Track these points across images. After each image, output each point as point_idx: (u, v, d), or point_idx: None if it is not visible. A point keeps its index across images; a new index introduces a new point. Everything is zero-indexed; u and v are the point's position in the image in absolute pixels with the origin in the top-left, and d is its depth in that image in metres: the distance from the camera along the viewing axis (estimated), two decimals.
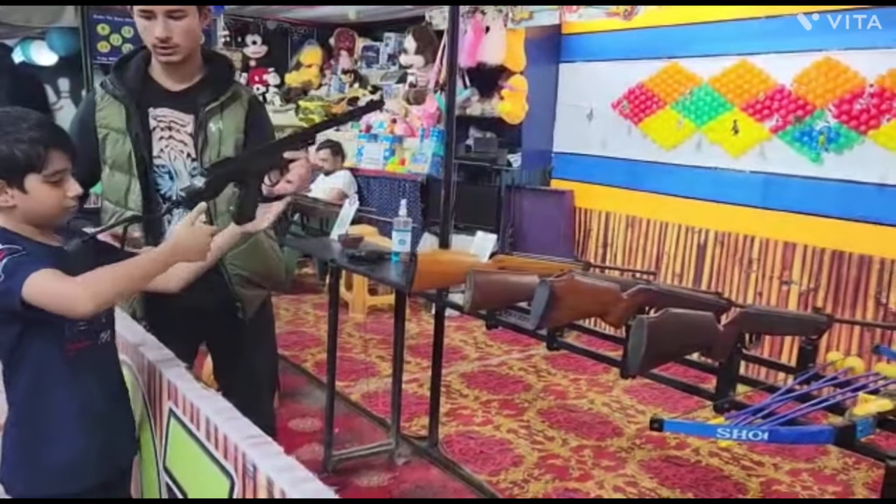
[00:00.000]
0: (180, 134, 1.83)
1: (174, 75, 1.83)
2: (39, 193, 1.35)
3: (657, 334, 1.28)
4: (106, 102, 1.82)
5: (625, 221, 4.53)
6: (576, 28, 4.66)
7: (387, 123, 6.18)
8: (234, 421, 1.18)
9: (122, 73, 1.83)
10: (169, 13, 1.68)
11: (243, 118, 1.87)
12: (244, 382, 2.06)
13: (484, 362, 4.19)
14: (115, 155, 1.81)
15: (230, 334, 2.01)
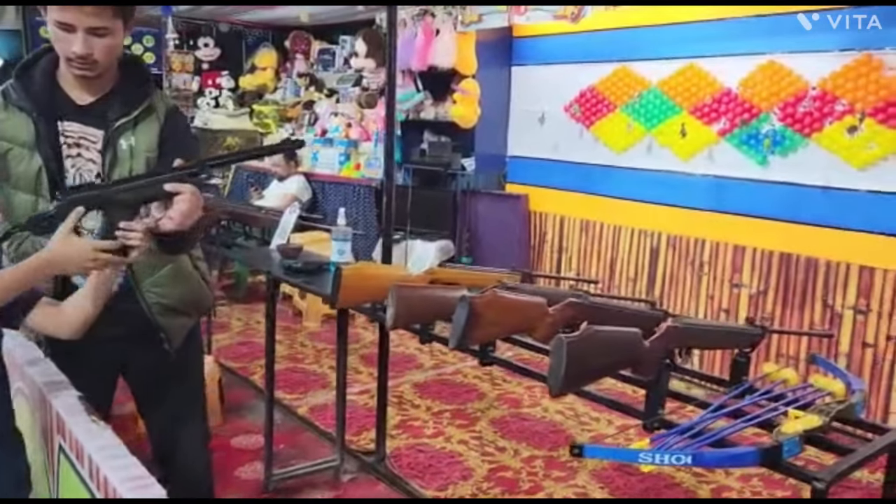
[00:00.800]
0: (89, 151, 1.65)
1: (86, 87, 1.64)
2: None
3: (577, 353, 1.22)
4: (9, 114, 1.60)
5: (579, 225, 4.50)
6: (527, 31, 4.63)
7: (342, 127, 6.09)
8: (118, 460, 1.09)
9: (27, 81, 1.62)
10: (92, 30, 1.50)
11: (157, 134, 1.70)
12: (173, 420, 1.90)
13: (438, 371, 4.12)
14: (19, 173, 1.60)
15: (153, 366, 1.82)
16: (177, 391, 1.88)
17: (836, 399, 1.40)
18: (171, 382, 1.86)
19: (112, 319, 1.62)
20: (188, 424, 1.93)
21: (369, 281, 1.72)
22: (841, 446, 1.31)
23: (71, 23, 1.48)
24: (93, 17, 1.48)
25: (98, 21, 1.49)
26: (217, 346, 4.26)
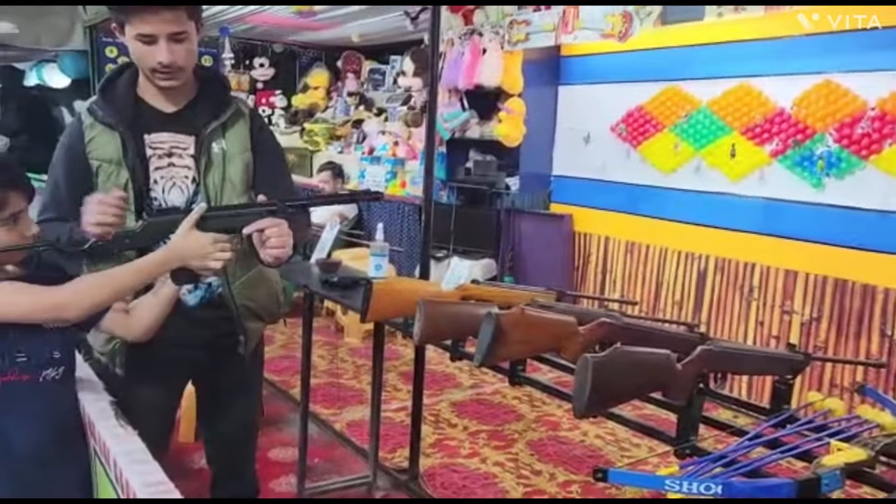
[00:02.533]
0: (182, 159, 1.70)
1: (170, 96, 1.70)
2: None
3: (603, 374, 1.17)
4: (96, 131, 1.66)
5: (624, 247, 4.42)
6: (575, 50, 4.60)
7: (389, 146, 6.14)
8: (141, 465, 1.10)
9: (110, 97, 1.68)
10: (172, 36, 1.56)
11: (248, 136, 1.77)
12: (233, 428, 1.97)
13: (477, 390, 4.08)
14: (108, 189, 1.63)
15: (224, 371, 1.87)
16: (240, 396, 1.95)
17: (885, 432, 1.32)
18: (237, 387, 1.93)
19: (201, 324, 1.71)
20: (247, 430, 2.01)
21: (400, 295, 1.70)
22: (888, 482, 1.23)
23: (152, 32, 1.55)
24: (171, 23, 1.55)
25: (177, 26, 1.56)
26: None
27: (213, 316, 1.77)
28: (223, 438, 1.98)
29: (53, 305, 1.29)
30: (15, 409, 1.34)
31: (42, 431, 1.37)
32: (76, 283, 1.32)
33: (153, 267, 1.40)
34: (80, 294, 1.30)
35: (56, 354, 1.39)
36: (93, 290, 1.32)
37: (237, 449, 2.01)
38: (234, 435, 1.98)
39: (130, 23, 1.56)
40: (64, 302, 1.29)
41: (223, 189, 1.72)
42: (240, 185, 1.74)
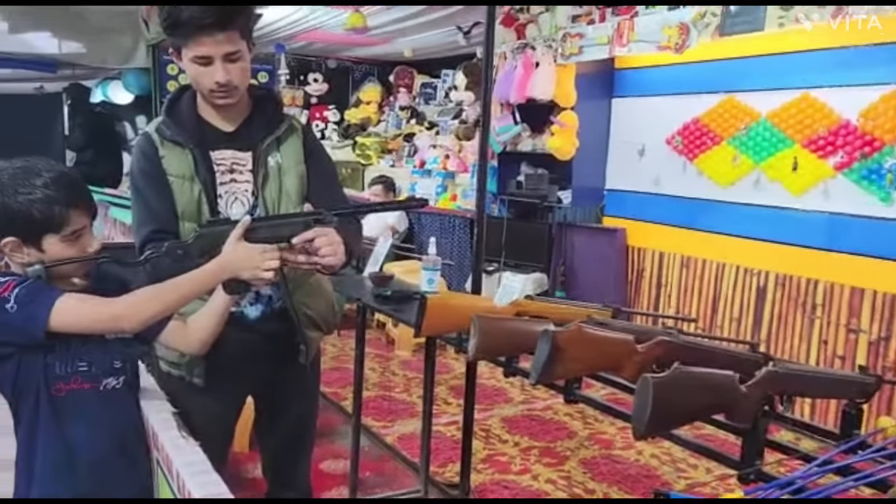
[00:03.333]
0: (242, 174, 1.76)
1: (227, 115, 1.76)
2: (56, 252, 1.33)
3: (664, 395, 1.14)
4: (167, 149, 1.71)
5: (679, 261, 4.33)
6: (629, 62, 4.54)
7: (440, 159, 6.17)
8: (202, 476, 1.11)
9: (176, 117, 1.74)
10: (226, 56, 1.61)
11: (301, 150, 1.82)
12: (291, 438, 2.01)
13: (528, 406, 4.03)
14: (184, 203, 1.70)
15: (286, 382, 1.92)
16: (299, 406, 1.98)
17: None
18: (297, 397, 1.96)
19: (263, 336, 1.75)
20: (304, 439, 2.04)
21: (454, 310, 1.70)
22: None
23: (208, 54, 1.59)
24: (226, 44, 1.59)
25: (231, 46, 1.60)
26: None
27: (275, 327, 1.80)
28: (280, 448, 2.01)
29: (111, 317, 1.32)
30: (77, 416, 1.37)
31: (103, 439, 1.40)
32: (131, 296, 1.35)
33: (205, 279, 1.42)
34: (134, 306, 1.33)
35: (117, 364, 1.43)
36: (147, 302, 1.35)
37: (293, 458, 2.04)
38: (292, 444, 2.02)
39: (187, 46, 1.60)
40: (120, 314, 1.32)
41: (280, 200, 1.76)
42: (296, 196, 1.79)
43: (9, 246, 1.32)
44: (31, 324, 1.26)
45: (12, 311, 1.25)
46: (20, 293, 1.26)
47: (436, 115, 6.96)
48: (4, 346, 1.31)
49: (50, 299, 1.27)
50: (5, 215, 1.30)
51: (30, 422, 1.37)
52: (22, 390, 1.35)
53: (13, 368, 1.33)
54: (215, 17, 1.56)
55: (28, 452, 1.39)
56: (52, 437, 1.36)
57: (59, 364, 1.34)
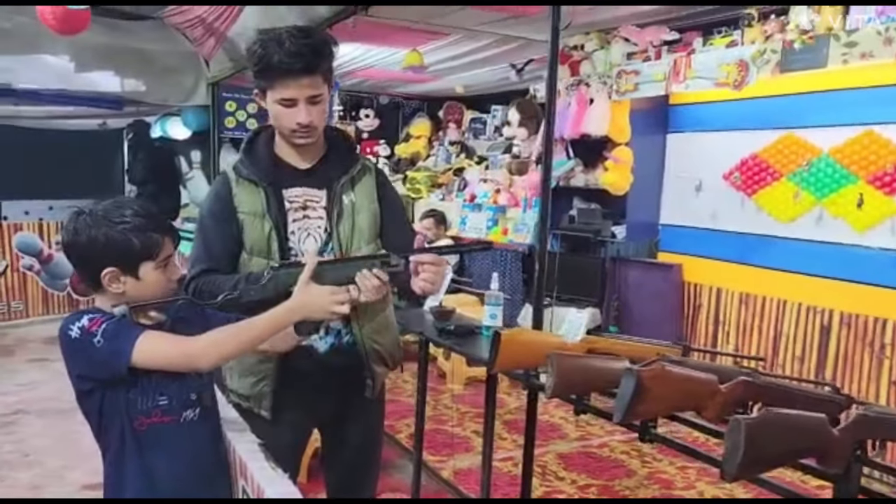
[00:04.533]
0: (315, 211, 1.83)
1: (304, 153, 1.83)
2: (150, 279, 1.40)
3: (757, 437, 1.13)
4: (241, 187, 1.80)
5: (738, 298, 4.26)
6: (684, 98, 4.54)
7: (490, 193, 6.21)
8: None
9: (252, 157, 1.83)
10: (310, 99, 1.70)
11: (375, 189, 1.89)
12: (356, 468, 2.04)
13: (584, 443, 3.99)
14: (253, 240, 1.78)
15: (352, 415, 1.97)
16: (365, 438, 2.02)
17: None
18: (363, 429, 2.00)
19: (332, 369, 1.81)
20: (368, 470, 2.09)
21: (527, 347, 1.71)
22: None
23: (293, 97, 1.69)
24: (310, 87, 1.69)
25: (314, 90, 1.70)
26: None
27: (343, 361, 1.85)
28: (345, 478, 2.05)
29: (188, 356, 1.37)
30: (159, 448, 1.42)
31: (184, 469, 1.45)
32: (208, 337, 1.40)
33: (278, 320, 1.46)
34: (211, 347, 1.38)
35: (193, 396, 1.47)
36: (224, 344, 1.40)
37: (358, 489, 2.07)
38: (356, 475, 2.05)
39: (273, 88, 1.70)
40: (198, 354, 1.37)
41: (353, 237, 1.83)
42: (368, 233, 1.85)
43: (108, 276, 1.38)
44: (115, 359, 1.31)
45: (98, 346, 1.32)
46: (107, 329, 1.32)
47: (485, 150, 7.03)
48: (90, 380, 1.38)
49: (133, 336, 1.33)
50: (107, 245, 1.37)
51: (116, 452, 1.42)
52: (107, 424, 1.41)
53: (97, 402, 1.39)
54: (303, 63, 1.66)
55: (115, 483, 1.44)
56: (136, 469, 1.41)
57: (140, 399, 1.39)
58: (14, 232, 6.63)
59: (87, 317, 1.34)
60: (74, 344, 1.33)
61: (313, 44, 1.68)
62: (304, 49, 1.66)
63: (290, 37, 1.66)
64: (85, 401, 1.40)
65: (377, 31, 4.55)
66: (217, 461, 1.53)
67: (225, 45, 5.61)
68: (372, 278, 1.57)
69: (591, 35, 4.55)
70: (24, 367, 5.21)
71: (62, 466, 3.52)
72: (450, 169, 7.27)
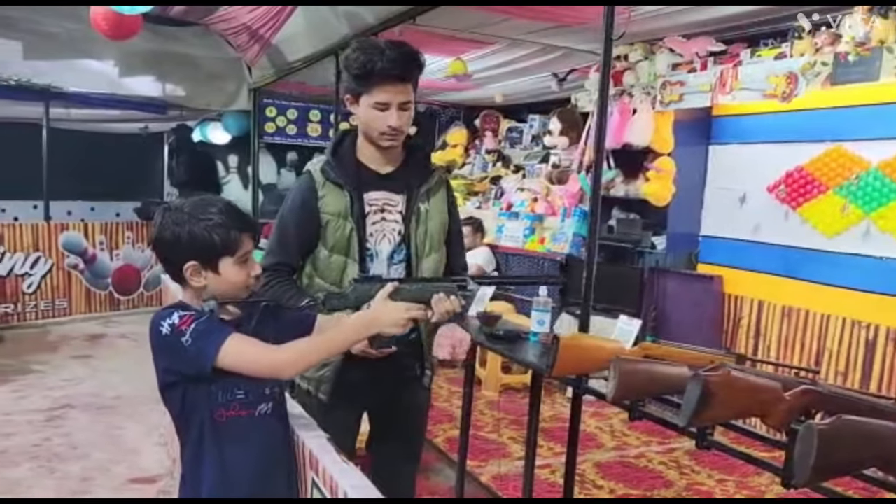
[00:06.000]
0: (392, 214, 1.95)
1: (385, 158, 1.95)
2: (230, 274, 1.46)
3: (829, 444, 1.15)
4: (327, 189, 1.91)
5: (780, 311, 4.22)
6: (728, 109, 4.52)
7: (528, 202, 6.23)
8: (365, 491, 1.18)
9: (339, 160, 1.94)
10: (401, 105, 1.83)
11: (446, 201, 2.02)
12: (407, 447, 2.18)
13: (621, 452, 3.98)
14: (335, 239, 1.89)
15: (407, 401, 2.09)
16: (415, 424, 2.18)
17: None
18: (415, 416, 2.16)
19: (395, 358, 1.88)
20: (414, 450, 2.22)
21: (585, 352, 1.73)
22: None
23: (388, 101, 1.81)
24: (403, 93, 1.83)
25: (406, 97, 1.84)
26: None
27: (406, 352, 1.95)
28: (392, 456, 2.16)
29: (272, 366, 1.43)
30: (236, 440, 1.48)
31: (258, 459, 1.50)
32: (292, 348, 1.45)
33: (356, 333, 1.54)
34: (295, 358, 1.45)
35: (267, 391, 1.53)
36: (307, 355, 1.47)
37: (402, 466, 2.20)
38: (403, 454, 2.18)
39: (369, 93, 1.82)
40: (282, 365, 1.44)
41: (425, 242, 1.95)
42: (437, 239, 1.97)
43: (190, 270, 1.44)
44: (202, 359, 1.37)
45: (187, 345, 1.37)
46: (196, 328, 1.38)
47: (522, 159, 7.06)
48: (174, 374, 1.43)
49: (220, 339, 1.38)
50: (190, 240, 1.43)
51: (195, 444, 1.48)
52: (189, 415, 1.47)
53: (180, 395, 1.45)
54: (400, 71, 1.80)
55: (193, 473, 1.49)
56: (214, 459, 1.47)
57: (220, 393, 1.45)
58: (60, 231, 6.80)
59: (177, 314, 1.39)
60: (164, 340, 1.39)
61: (410, 53, 1.83)
62: (403, 58, 1.80)
63: (388, 47, 1.81)
64: (168, 393, 1.46)
65: (422, 39, 4.60)
66: (287, 452, 1.59)
67: (269, 51, 5.72)
68: (447, 303, 1.66)
69: (636, 45, 4.56)
70: (69, 363, 5.35)
71: (108, 460, 3.61)
72: (486, 177, 7.30)
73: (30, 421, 4.10)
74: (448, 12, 3.96)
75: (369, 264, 1.93)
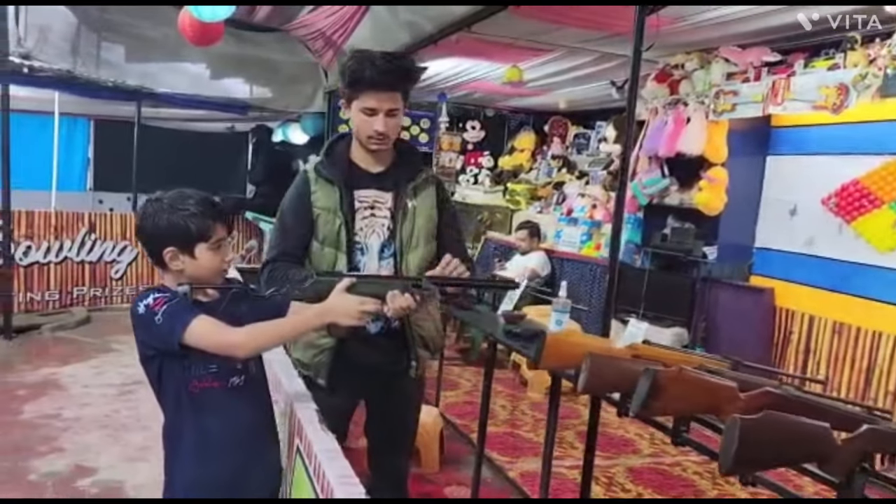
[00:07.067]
0: (381, 211, 2.09)
1: (375, 159, 2.10)
2: (204, 259, 1.63)
3: (751, 436, 1.22)
4: (319, 185, 2.06)
5: (831, 327, 4.13)
6: (787, 120, 4.45)
7: (587, 208, 6.27)
8: (336, 461, 1.33)
9: (332, 159, 2.10)
10: (388, 112, 1.97)
11: (435, 198, 2.15)
12: (395, 437, 2.30)
13: (656, 459, 3.99)
14: (326, 232, 2.05)
15: (395, 391, 2.21)
16: (404, 413, 2.29)
17: None
18: (403, 405, 2.27)
19: (381, 349, 2.06)
20: (404, 440, 2.34)
21: (571, 348, 1.82)
22: None
23: (375, 107, 1.96)
24: (389, 101, 1.97)
25: (393, 104, 1.97)
26: (445, 401, 4.57)
27: (390, 343, 2.11)
28: (384, 444, 2.31)
29: (229, 344, 1.58)
30: (210, 409, 1.65)
31: (231, 428, 1.67)
32: (249, 330, 1.60)
33: (312, 320, 1.68)
34: (250, 340, 1.59)
35: (239, 366, 1.70)
36: (262, 337, 1.61)
37: (394, 455, 2.33)
38: (394, 443, 2.32)
39: (359, 99, 1.98)
40: (237, 343, 1.58)
41: (412, 237, 2.08)
42: (424, 235, 2.10)
43: (169, 255, 1.63)
44: (169, 336, 1.55)
45: (158, 323, 1.55)
46: (167, 310, 1.55)
47: (587, 165, 7.08)
48: (151, 348, 1.62)
49: (187, 320, 1.54)
50: (168, 228, 1.61)
51: (173, 412, 1.66)
52: (165, 386, 1.65)
53: (157, 367, 1.63)
54: (387, 79, 1.93)
55: (171, 437, 1.68)
56: (190, 426, 1.65)
57: (194, 367, 1.63)
58: None
59: (153, 296, 1.58)
60: (140, 318, 1.58)
61: (400, 65, 1.97)
62: (391, 69, 1.93)
63: (381, 57, 1.94)
64: (147, 364, 1.65)
65: (479, 47, 4.75)
66: (262, 422, 1.75)
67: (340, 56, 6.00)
68: (400, 299, 1.76)
69: (692, 55, 4.55)
70: None
71: None
72: (550, 183, 7.37)
73: (103, 394, 4.49)
74: (502, 21, 4.09)
75: (360, 258, 2.07)
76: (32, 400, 4.28)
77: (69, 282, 6.62)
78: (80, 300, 6.67)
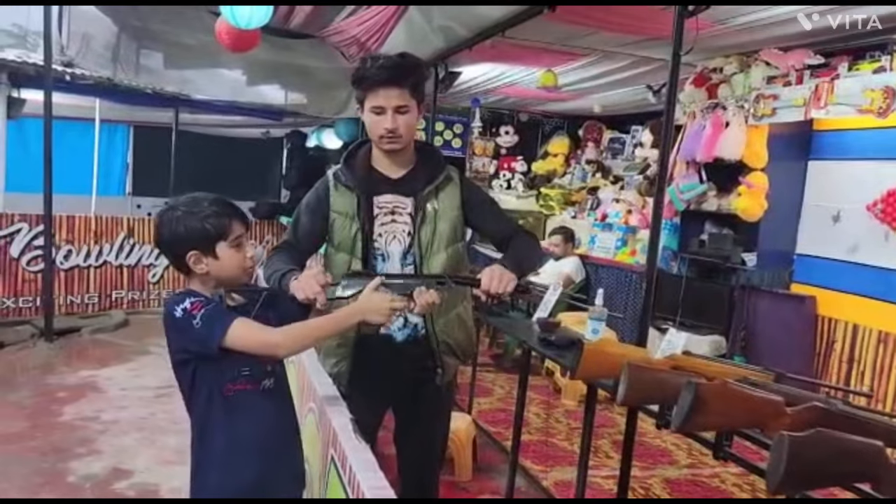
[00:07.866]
0: (402, 216, 2.07)
1: (394, 163, 2.07)
2: (226, 257, 1.64)
3: (800, 454, 1.17)
4: (339, 192, 2.06)
5: (876, 337, 4.00)
6: (830, 125, 4.34)
7: (622, 213, 6.20)
8: (369, 472, 1.31)
9: (351, 166, 2.10)
10: (397, 109, 1.94)
11: (459, 197, 2.11)
12: (424, 448, 2.27)
13: (694, 471, 3.90)
14: (341, 237, 2.05)
15: (422, 399, 2.19)
16: (433, 422, 2.26)
17: None
18: (431, 413, 2.24)
19: (407, 357, 2.04)
20: (434, 449, 2.30)
21: (609, 358, 1.79)
22: None
23: (382, 105, 1.94)
24: (397, 98, 1.94)
25: (401, 101, 1.94)
26: (478, 408, 4.54)
27: (417, 351, 2.09)
28: (414, 454, 2.28)
29: (270, 345, 1.60)
30: (243, 411, 1.66)
31: (262, 430, 1.68)
32: (286, 330, 1.62)
33: (345, 319, 1.70)
34: (290, 339, 1.62)
35: (269, 368, 1.71)
36: (301, 336, 1.64)
37: (424, 464, 2.30)
38: (424, 452, 2.29)
39: (367, 98, 1.97)
40: (278, 343, 1.61)
41: (433, 241, 2.05)
42: (447, 238, 2.06)
43: (192, 258, 1.63)
44: (210, 340, 1.55)
45: (197, 327, 1.55)
46: (205, 313, 1.56)
47: (622, 170, 7.00)
48: (186, 352, 1.62)
49: (227, 323, 1.56)
50: (187, 233, 1.62)
51: (203, 415, 1.67)
52: (199, 389, 1.65)
53: (190, 371, 1.64)
54: (389, 76, 1.92)
55: (201, 440, 1.68)
56: (221, 429, 1.65)
57: (227, 370, 1.63)
58: None
59: (189, 300, 1.58)
60: (178, 322, 1.57)
61: (401, 62, 1.96)
62: (392, 64, 1.93)
63: (384, 57, 1.95)
64: (180, 369, 1.65)
65: (513, 51, 4.73)
66: (289, 425, 1.76)
67: None
68: (427, 295, 1.76)
69: (731, 58, 4.47)
70: None
71: None
72: (584, 187, 7.30)
73: (141, 397, 4.56)
74: (537, 25, 4.06)
75: (381, 264, 2.05)
76: (72, 402, 4.36)
77: (108, 285, 6.75)
78: (119, 303, 6.80)
